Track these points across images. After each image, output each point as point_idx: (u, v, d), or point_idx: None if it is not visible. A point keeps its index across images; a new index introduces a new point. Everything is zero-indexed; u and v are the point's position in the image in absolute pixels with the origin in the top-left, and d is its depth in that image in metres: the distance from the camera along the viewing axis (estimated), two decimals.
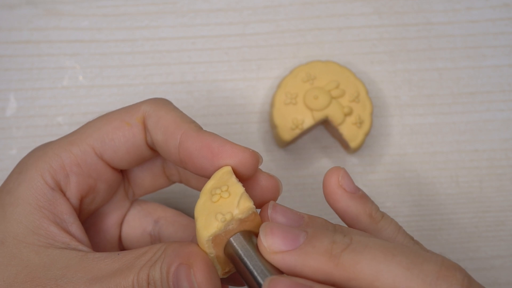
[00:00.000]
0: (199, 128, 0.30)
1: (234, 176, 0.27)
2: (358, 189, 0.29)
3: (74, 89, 0.43)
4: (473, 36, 0.44)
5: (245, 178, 0.29)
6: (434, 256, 0.25)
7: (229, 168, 0.28)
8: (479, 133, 0.43)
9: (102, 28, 0.43)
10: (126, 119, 0.31)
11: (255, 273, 0.26)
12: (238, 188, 0.27)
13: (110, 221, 0.34)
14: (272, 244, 0.25)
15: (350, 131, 0.40)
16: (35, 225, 0.29)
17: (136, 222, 0.35)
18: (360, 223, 0.28)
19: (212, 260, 0.27)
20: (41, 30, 0.43)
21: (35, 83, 0.43)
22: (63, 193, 0.31)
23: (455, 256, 0.42)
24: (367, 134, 0.41)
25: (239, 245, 0.27)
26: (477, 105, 0.43)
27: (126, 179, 0.34)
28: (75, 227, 0.31)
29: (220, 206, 0.26)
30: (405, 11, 0.44)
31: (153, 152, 0.32)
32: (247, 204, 0.26)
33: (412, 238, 0.29)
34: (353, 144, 0.40)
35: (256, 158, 0.29)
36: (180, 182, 0.35)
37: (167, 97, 0.42)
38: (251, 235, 0.27)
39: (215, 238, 0.26)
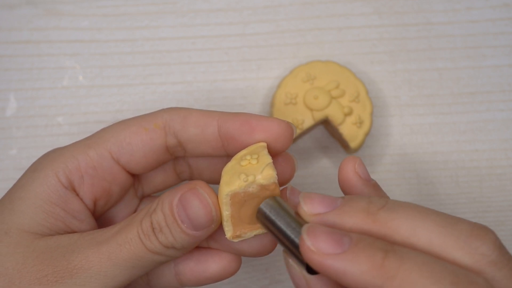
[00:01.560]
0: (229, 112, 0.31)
1: (266, 150, 0.30)
2: (372, 179, 0.30)
3: (74, 89, 0.43)
4: (473, 36, 0.44)
5: (281, 151, 0.31)
6: (466, 220, 0.26)
7: (264, 144, 0.30)
8: (479, 133, 0.43)
9: (102, 28, 0.43)
10: (143, 124, 0.32)
11: (288, 232, 0.27)
12: (267, 158, 0.29)
13: (119, 220, 0.34)
14: (312, 208, 0.27)
15: (350, 131, 0.40)
16: (42, 217, 0.30)
17: None
18: None
19: (226, 219, 0.29)
20: (41, 30, 0.43)
21: (35, 83, 0.43)
22: (76, 193, 0.31)
23: None
24: (367, 134, 0.41)
25: (271, 207, 0.28)
26: (477, 105, 0.43)
27: (136, 177, 0.35)
28: (86, 224, 0.31)
29: (246, 169, 0.29)
30: (405, 11, 0.44)
31: (170, 156, 0.33)
32: (270, 172, 0.28)
33: None
34: (353, 144, 0.40)
35: (291, 129, 0.31)
36: (191, 179, 0.36)
37: (167, 97, 0.43)
38: (280, 200, 0.29)
39: (234, 196, 0.28)
